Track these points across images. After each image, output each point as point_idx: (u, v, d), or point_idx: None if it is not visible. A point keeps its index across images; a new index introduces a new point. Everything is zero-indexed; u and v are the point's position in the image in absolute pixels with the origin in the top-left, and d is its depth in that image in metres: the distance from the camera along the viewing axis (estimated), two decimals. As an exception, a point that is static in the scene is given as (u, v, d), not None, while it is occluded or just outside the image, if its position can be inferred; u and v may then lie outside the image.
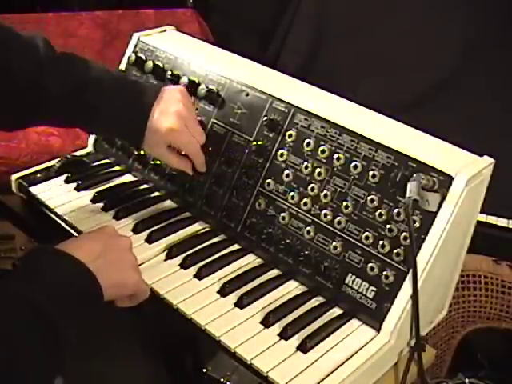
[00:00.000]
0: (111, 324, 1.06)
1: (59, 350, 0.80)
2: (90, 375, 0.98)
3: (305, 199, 1.09)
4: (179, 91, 1.16)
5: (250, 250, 1.15)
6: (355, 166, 1.05)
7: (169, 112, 1.12)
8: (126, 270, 0.94)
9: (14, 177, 1.32)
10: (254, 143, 1.16)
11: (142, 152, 1.31)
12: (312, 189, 1.09)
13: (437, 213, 0.97)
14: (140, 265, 1.08)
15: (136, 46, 1.37)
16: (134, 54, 1.34)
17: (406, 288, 0.97)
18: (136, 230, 1.17)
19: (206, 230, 1.20)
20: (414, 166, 1.00)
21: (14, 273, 0.87)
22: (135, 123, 1.13)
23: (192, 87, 1.25)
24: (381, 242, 1.01)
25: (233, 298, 1.04)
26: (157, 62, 1.31)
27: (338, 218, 1.06)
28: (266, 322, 0.99)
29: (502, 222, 1.77)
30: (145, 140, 1.14)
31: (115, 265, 0.92)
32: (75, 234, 1.18)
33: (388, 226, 1.01)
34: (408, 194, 0.96)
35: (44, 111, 1.11)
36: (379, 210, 1.02)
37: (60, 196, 1.26)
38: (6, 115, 1.11)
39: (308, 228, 1.08)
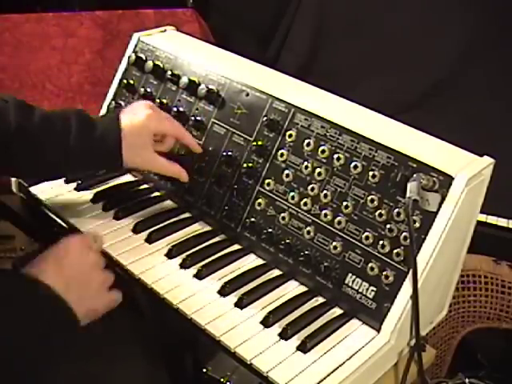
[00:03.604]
0: (111, 324, 1.06)
1: None
2: (91, 375, 0.98)
3: (305, 199, 1.09)
4: (142, 101, 1.20)
5: (250, 250, 1.15)
6: (355, 166, 1.05)
7: (139, 108, 1.15)
8: (94, 295, 0.96)
9: (14, 177, 1.32)
10: (254, 143, 1.16)
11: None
12: (312, 189, 1.09)
13: (437, 213, 0.97)
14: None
15: (136, 46, 1.37)
16: (134, 54, 1.34)
17: (406, 288, 0.97)
18: (136, 230, 1.17)
19: (206, 230, 1.20)
20: (414, 166, 1.00)
21: None
22: (109, 139, 1.10)
23: (192, 87, 1.25)
24: (381, 242, 1.01)
25: (233, 298, 1.04)
26: (157, 62, 1.31)
27: (338, 218, 1.06)
28: (266, 322, 0.99)
29: (501, 222, 1.77)
30: (124, 152, 1.10)
31: (84, 291, 0.94)
32: (75, 234, 1.18)
33: (388, 226, 1.01)
34: (408, 194, 0.96)
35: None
36: (379, 210, 1.02)
37: (60, 196, 1.26)
38: None
39: (308, 228, 1.08)
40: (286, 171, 1.12)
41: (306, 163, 1.10)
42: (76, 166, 1.14)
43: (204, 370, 1.04)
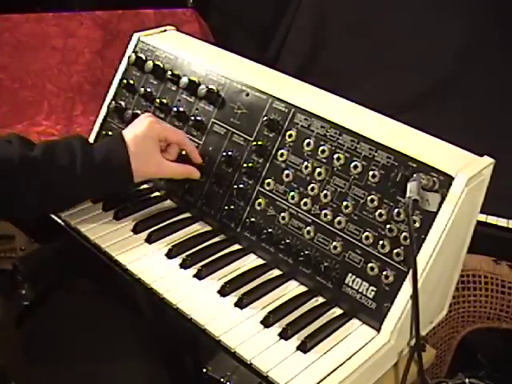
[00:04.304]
0: (112, 324, 1.06)
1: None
2: (91, 375, 0.98)
3: (305, 199, 1.09)
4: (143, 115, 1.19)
5: (250, 250, 1.15)
6: (355, 166, 1.05)
7: (139, 120, 1.15)
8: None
9: (14, 177, 1.31)
10: (254, 143, 1.16)
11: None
12: (312, 189, 1.09)
13: (437, 213, 0.97)
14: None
15: (136, 45, 1.37)
16: (134, 54, 1.34)
17: (406, 288, 0.97)
18: (136, 229, 1.17)
19: (206, 229, 1.20)
20: (414, 166, 1.00)
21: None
22: (116, 155, 1.08)
23: (192, 87, 1.25)
24: (381, 242, 1.01)
25: (233, 298, 1.04)
26: (157, 62, 1.31)
27: (338, 218, 1.06)
28: (266, 322, 0.99)
29: (501, 222, 1.77)
30: (133, 164, 1.09)
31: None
32: (75, 234, 1.18)
33: (388, 226, 1.01)
34: (408, 194, 0.96)
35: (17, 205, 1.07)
36: (379, 210, 1.02)
37: (60, 196, 1.26)
38: None
39: (308, 228, 1.08)
40: (286, 171, 1.12)
41: (306, 163, 1.10)
42: (86, 192, 1.12)
43: (204, 370, 1.04)
